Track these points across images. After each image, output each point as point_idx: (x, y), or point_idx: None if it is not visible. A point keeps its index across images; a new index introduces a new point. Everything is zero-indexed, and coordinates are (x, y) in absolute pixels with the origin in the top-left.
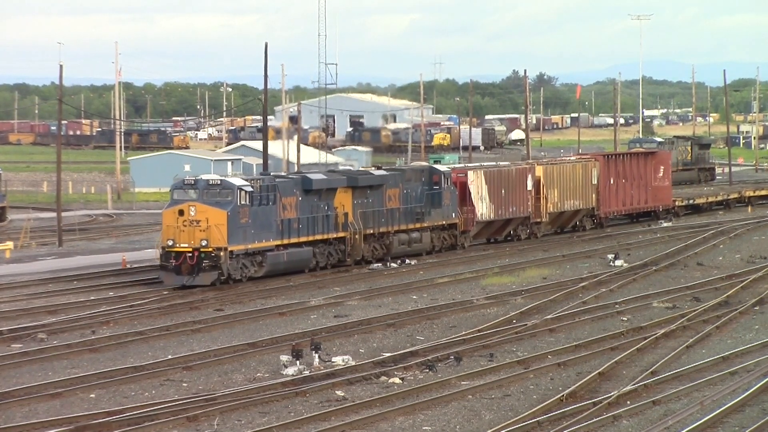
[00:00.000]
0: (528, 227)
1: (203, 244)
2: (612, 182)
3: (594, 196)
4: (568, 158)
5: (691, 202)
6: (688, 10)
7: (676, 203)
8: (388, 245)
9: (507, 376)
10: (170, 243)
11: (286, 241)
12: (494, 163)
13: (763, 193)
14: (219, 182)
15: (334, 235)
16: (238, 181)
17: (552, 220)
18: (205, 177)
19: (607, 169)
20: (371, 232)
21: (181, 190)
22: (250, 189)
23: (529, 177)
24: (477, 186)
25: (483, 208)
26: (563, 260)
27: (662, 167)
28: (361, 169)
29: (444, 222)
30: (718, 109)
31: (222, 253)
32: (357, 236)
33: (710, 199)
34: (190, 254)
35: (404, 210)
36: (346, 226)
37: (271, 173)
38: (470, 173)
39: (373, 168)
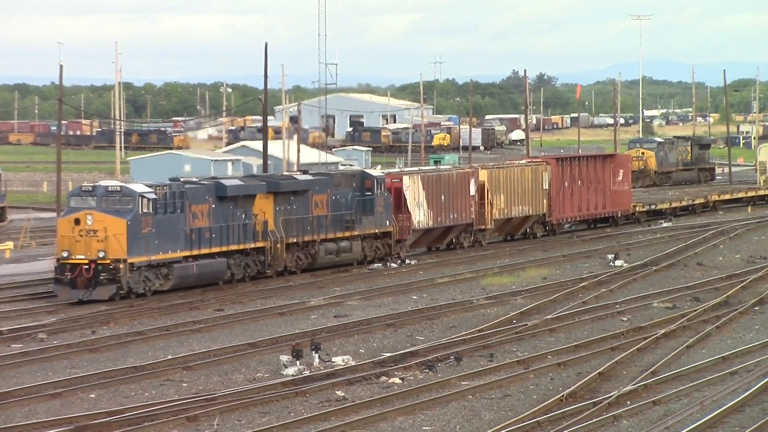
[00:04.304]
0: (472, 235)
1: (100, 255)
2: (566, 186)
3: (545, 201)
4: (516, 162)
5: (652, 207)
6: (688, 10)
7: (637, 209)
8: (314, 255)
9: (507, 376)
10: (65, 254)
11: (196, 252)
12: (434, 168)
13: (728, 197)
14: (119, 189)
15: (252, 245)
16: (139, 188)
17: (498, 227)
18: (104, 183)
19: (560, 172)
20: (294, 241)
21: (79, 198)
22: (153, 196)
23: (472, 182)
24: (413, 192)
25: (420, 216)
26: (563, 260)
27: (621, 171)
28: (285, 173)
29: (377, 230)
30: (718, 109)
31: (121, 266)
32: (278, 245)
33: (674, 205)
34: (87, 266)
35: (332, 217)
36: (266, 235)
37: (182, 179)
38: (405, 178)
39: (298, 172)
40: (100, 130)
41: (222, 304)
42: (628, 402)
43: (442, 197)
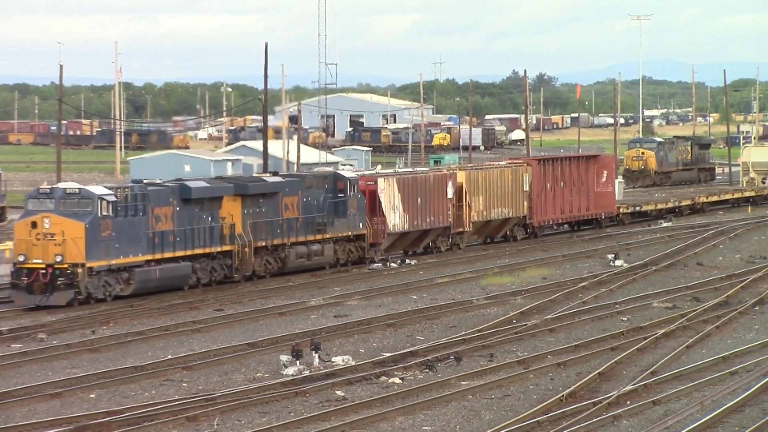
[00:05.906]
0: (449, 238)
1: (58, 259)
2: (548, 188)
3: (526, 203)
4: (496, 163)
5: (637, 209)
6: (689, 10)
7: (621, 210)
8: (284, 259)
9: (507, 376)
10: (21, 258)
11: (159, 256)
12: (410, 169)
13: (715, 198)
14: (77, 191)
15: (219, 249)
16: (99, 190)
17: (477, 230)
18: (62, 185)
19: (542, 174)
20: (263, 244)
21: (36, 200)
22: (113, 198)
23: (450, 184)
24: (388, 194)
25: (396, 219)
26: (563, 260)
27: (605, 172)
28: (254, 175)
29: (350, 233)
30: (718, 109)
31: (79, 270)
32: (246, 249)
33: (659, 206)
34: (44, 271)
35: (303, 220)
36: (233, 239)
37: (144, 181)
38: (380, 180)
39: (268, 174)
40: (100, 130)
41: (222, 304)
42: (628, 402)
43: (419, 200)
